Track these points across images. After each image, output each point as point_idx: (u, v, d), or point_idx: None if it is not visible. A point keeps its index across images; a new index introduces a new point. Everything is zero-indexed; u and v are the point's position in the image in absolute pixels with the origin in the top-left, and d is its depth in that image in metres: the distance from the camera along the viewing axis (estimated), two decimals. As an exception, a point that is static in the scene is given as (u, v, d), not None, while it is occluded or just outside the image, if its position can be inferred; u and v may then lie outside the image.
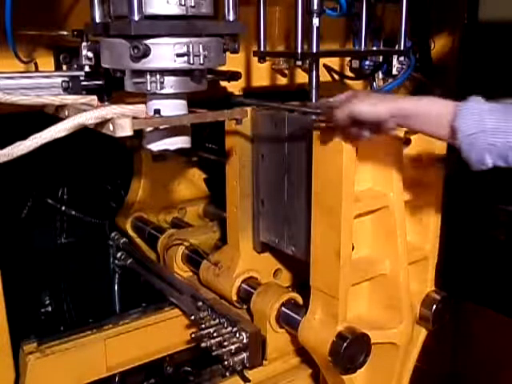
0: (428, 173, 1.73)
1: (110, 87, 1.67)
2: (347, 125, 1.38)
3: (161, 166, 2.37)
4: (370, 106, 1.32)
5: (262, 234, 1.84)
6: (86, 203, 2.47)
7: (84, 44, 1.63)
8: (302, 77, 2.38)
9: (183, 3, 1.29)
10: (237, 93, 2.22)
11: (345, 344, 1.52)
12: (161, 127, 1.43)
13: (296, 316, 1.70)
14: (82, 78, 1.65)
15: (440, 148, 1.69)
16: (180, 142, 1.49)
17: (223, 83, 2.09)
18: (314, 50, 1.72)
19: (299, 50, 1.74)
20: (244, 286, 1.84)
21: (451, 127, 1.22)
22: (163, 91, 1.38)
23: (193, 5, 1.31)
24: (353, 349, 1.53)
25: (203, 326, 1.76)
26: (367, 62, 2.47)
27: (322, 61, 2.34)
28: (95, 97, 1.49)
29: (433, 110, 1.27)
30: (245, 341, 1.67)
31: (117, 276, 2.47)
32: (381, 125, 1.34)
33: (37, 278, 2.37)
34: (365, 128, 1.38)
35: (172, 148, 1.48)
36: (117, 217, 2.44)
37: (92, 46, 1.62)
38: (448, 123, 1.23)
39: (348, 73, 2.58)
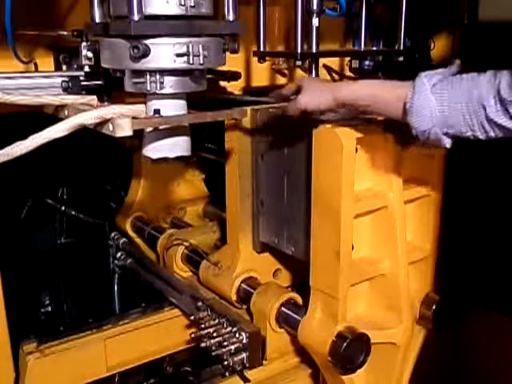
0: (428, 172, 1.73)
1: (110, 87, 1.67)
2: (301, 115, 1.48)
3: (160, 167, 2.36)
4: (313, 100, 1.42)
5: (262, 234, 1.84)
6: (86, 203, 2.47)
7: (84, 44, 1.64)
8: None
9: (183, 3, 1.29)
10: (237, 93, 2.22)
11: (344, 344, 1.52)
12: (160, 127, 1.43)
13: (296, 316, 1.69)
14: (81, 78, 1.65)
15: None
16: (179, 150, 1.49)
17: (223, 83, 2.09)
18: (314, 50, 1.73)
19: (299, 50, 1.74)
20: (244, 286, 1.84)
21: (404, 118, 1.28)
22: (163, 91, 1.38)
23: (193, 5, 1.31)
24: (352, 349, 1.53)
25: (203, 325, 1.76)
26: (367, 62, 2.47)
27: (322, 61, 2.34)
28: (95, 97, 1.50)
29: (377, 99, 1.33)
30: (245, 341, 1.67)
31: (117, 276, 2.47)
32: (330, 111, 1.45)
33: (37, 278, 2.37)
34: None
35: (171, 156, 1.48)
36: (117, 217, 2.44)
37: (92, 46, 1.62)
38: (399, 111, 1.28)
39: (348, 73, 2.59)
